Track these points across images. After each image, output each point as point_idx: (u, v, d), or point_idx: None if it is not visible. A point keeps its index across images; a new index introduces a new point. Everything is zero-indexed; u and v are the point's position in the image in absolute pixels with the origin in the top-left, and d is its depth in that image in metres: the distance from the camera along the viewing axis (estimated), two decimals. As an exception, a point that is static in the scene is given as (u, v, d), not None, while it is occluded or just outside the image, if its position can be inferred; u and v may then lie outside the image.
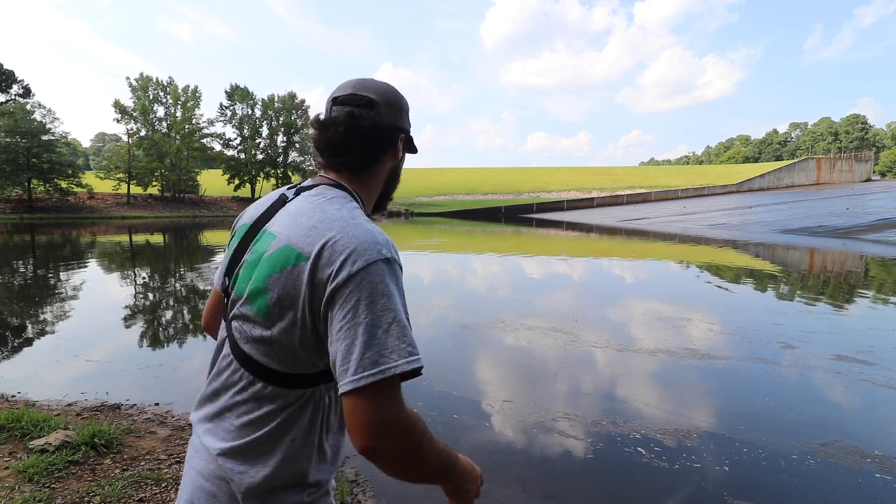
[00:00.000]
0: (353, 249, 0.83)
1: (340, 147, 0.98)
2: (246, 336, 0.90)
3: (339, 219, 0.88)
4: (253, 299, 0.89)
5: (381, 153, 1.02)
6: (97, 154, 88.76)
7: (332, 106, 0.99)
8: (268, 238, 0.93)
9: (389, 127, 1.00)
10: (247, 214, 1.04)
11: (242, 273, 0.94)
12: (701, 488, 3.02)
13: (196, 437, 0.99)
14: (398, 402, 0.83)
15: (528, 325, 6.83)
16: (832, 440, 3.59)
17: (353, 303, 0.80)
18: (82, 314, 7.47)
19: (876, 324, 7.13)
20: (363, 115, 0.97)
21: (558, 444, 3.56)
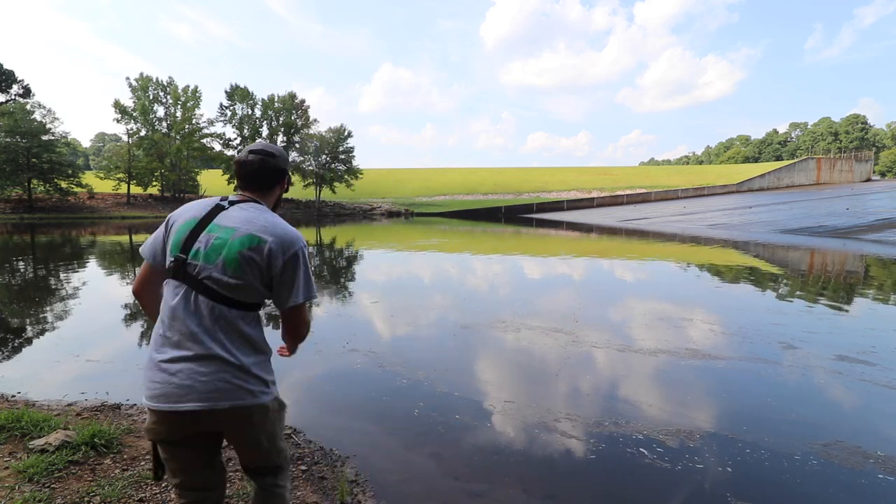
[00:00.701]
0: (293, 241, 1.63)
1: (254, 178, 1.73)
2: (223, 285, 1.56)
3: (278, 223, 1.65)
4: (228, 264, 1.56)
5: (275, 184, 1.79)
6: (97, 154, 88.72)
7: (249, 154, 1.73)
8: (225, 230, 1.59)
9: (281, 170, 1.78)
10: (186, 213, 1.66)
11: (211, 250, 1.57)
12: (703, 489, 3.01)
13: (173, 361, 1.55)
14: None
15: (529, 325, 6.82)
16: (834, 441, 3.58)
17: (293, 267, 1.62)
18: (82, 314, 7.46)
19: (877, 324, 7.12)
20: (268, 161, 1.73)
21: (559, 444, 3.55)
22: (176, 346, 1.55)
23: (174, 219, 1.67)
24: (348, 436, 3.61)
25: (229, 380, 1.55)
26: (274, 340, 1.75)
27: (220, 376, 1.54)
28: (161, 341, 1.57)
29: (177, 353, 1.54)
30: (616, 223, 32.92)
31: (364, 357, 5.39)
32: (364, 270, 13.38)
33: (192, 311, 1.55)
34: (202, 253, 1.56)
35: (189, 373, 1.52)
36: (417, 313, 7.73)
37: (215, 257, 1.55)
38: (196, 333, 1.54)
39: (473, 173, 74.90)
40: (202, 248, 1.56)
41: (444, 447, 3.48)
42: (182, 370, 1.53)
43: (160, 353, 1.56)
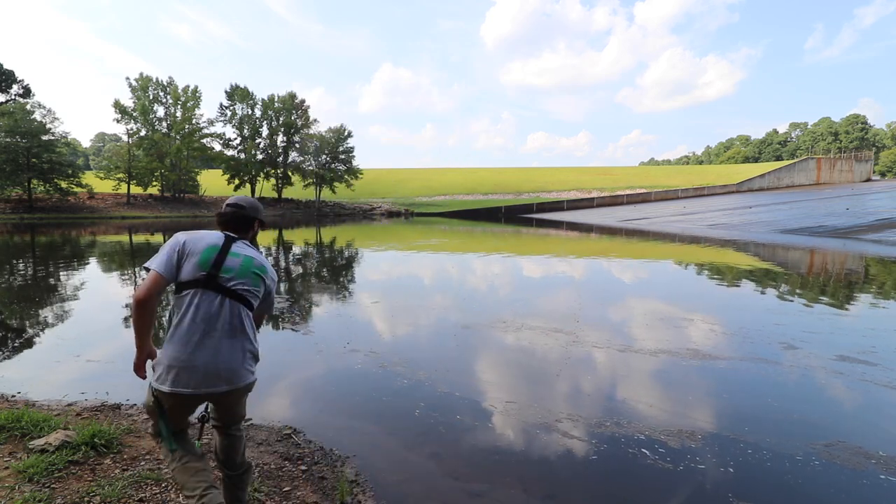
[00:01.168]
0: (272, 273, 2.29)
1: (230, 224, 2.25)
2: (250, 294, 2.16)
3: (265, 259, 2.27)
4: (254, 281, 2.17)
5: (249, 229, 2.30)
6: (97, 154, 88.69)
7: (226, 206, 2.28)
8: (245, 257, 2.18)
9: (252, 217, 2.30)
10: (203, 241, 2.13)
11: (240, 268, 2.14)
12: (704, 489, 3.00)
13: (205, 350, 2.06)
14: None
15: (530, 325, 6.82)
16: (836, 441, 3.58)
17: (272, 291, 2.30)
18: (82, 314, 7.46)
19: (877, 324, 7.11)
20: (237, 213, 2.26)
21: (559, 444, 3.55)
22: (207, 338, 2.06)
23: (190, 244, 2.09)
24: (348, 436, 3.61)
25: (246, 366, 2.14)
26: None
27: (243, 363, 2.12)
28: (187, 337, 2.04)
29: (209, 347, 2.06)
30: (616, 223, 32.91)
31: (365, 357, 5.39)
32: (364, 271, 13.38)
33: (224, 313, 2.07)
34: (234, 270, 2.11)
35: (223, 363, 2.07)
36: (418, 313, 7.72)
37: (243, 274, 2.12)
38: (229, 330, 2.08)
39: (473, 173, 74.90)
40: (233, 266, 2.11)
41: (444, 447, 3.48)
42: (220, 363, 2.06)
43: (189, 348, 2.04)
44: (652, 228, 27.94)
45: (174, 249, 2.05)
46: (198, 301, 2.03)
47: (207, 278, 2.03)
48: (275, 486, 2.83)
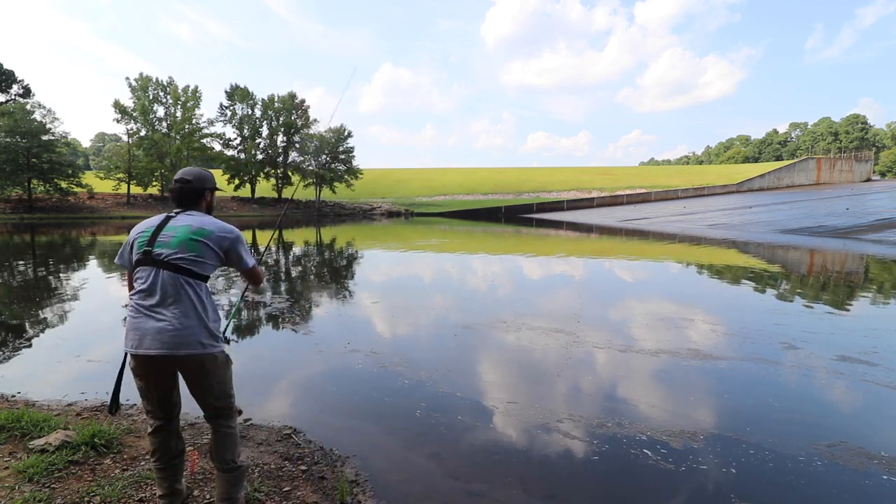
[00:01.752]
0: (230, 231, 2.35)
1: (180, 200, 2.40)
2: (186, 261, 2.21)
3: (215, 220, 2.36)
4: (191, 247, 2.23)
5: (199, 200, 2.44)
6: (97, 154, 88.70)
7: (174, 182, 2.42)
8: (181, 227, 2.26)
9: (199, 189, 2.43)
10: (143, 227, 2.32)
11: (173, 240, 2.23)
12: (706, 489, 3.00)
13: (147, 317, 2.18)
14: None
15: (530, 325, 6.81)
16: (838, 441, 3.57)
17: (231, 248, 2.34)
18: (83, 314, 7.45)
19: (879, 324, 7.10)
20: (184, 186, 2.39)
21: (559, 444, 3.54)
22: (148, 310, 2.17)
23: (133, 233, 2.32)
24: (348, 436, 3.60)
25: (188, 333, 2.17)
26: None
27: (181, 331, 2.16)
28: (135, 307, 2.20)
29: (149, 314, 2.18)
30: (616, 223, 32.90)
31: (365, 357, 5.38)
32: (365, 270, 13.37)
33: (159, 284, 2.18)
34: (166, 243, 2.21)
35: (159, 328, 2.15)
36: (418, 313, 7.72)
37: (177, 244, 2.21)
38: (164, 298, 2.17)
39: (473, 173, 74.89)
40: (165, 240, 2.22)
41: (444, 447, 3.47)
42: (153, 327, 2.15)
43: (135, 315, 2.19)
44: (652, 228, 27.93)
45: (126, 242, 2.33)
46: (139, 276, 2.24)
47: (143, 255, 2.23)
48: (275, 486, 2.83)
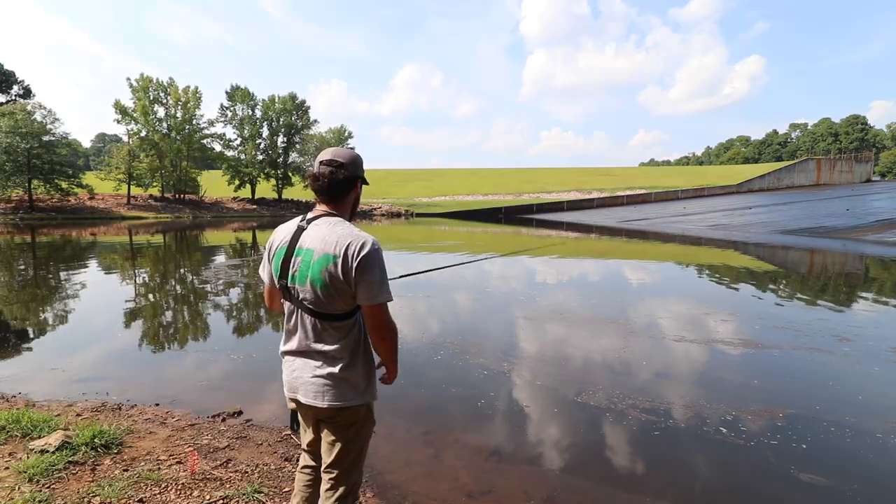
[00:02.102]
0: (361, 245, 1.72)
1: (326, 190, 1.82)
2: (316, 303, 1.76)
3: (346, 234, 1.75)
4: (317, 283, 1.73)
5: (347, 192, 1.87)
6: (97, 155, 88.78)
7: (320, 165, 1.81)
8: (306, 253, 1.76)
9: (352, 177, 1.85)
10: (277, 240, 1.87)
11: (299, 274, 1.77)
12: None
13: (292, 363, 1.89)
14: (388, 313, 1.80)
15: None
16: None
17: (361, 270, 1.71)
18: (83, 314, 7.46)
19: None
20: (337, 172, 1.80)
21: (563, 444, 3.55)
22: (293, 352, 1.88)
23: (270, 244, 1.91)
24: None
25: (326, 381, 1.81)
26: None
27: (321, 379, 1.82)
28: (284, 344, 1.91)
29: (294, 358, 1.88)
30: (616, 224, 32.89)
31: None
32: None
33: (300, 325, 1.83)
34: (296, 277, 1.79)
35: (300, 372, 1.86)
36: (418, 314, 7.72)
37: (304, 280, 1.77)
38: (304, 342, 1.83)
39: (474, 174, 74.89)
40: (295, 272, 1.79)
41: (444, 447, 3.48)
42: (295, 370, 1.87)
43: (284, 357, 1.93)
44: (652, 229, 27.93)
45: (265, 255, 1.94)
46: (286, 311, 1.88)
47: (282, 289, 1.85)
48: (275, 487, 2.84)
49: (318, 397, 1.81)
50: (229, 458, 3.14)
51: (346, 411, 1.84)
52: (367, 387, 1.88)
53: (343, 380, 1.81)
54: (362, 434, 1.93)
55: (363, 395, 1.86)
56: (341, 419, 1.86)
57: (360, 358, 1.85)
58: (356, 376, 1.84)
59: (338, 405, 1.82)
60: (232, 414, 3.89)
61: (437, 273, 12.37)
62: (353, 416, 1.86)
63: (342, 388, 1.81)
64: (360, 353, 1.85)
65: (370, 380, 1.89)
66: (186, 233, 26.69)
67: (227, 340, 6.19)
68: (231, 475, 2.91)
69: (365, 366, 1.87)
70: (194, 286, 10.25)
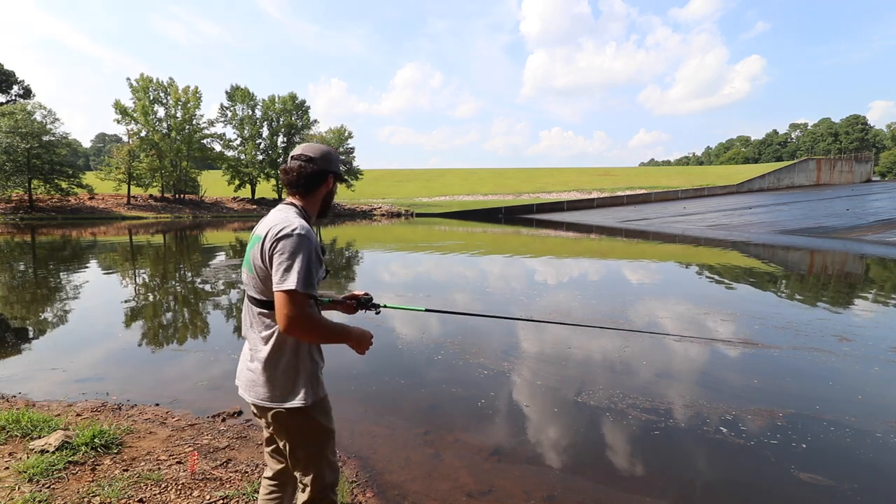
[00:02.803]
0: (282, 228, 1.63)
1: (295, 183, 1.78)
2: (252, 289, 1.72)
3: (283, 217, 1.69)
4: (250, 269, 1.71)
5: (316, 186, 1.81)
6: (97, 155, 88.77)
7: (291, 160, 1.79)
8: (252, 239, 1.72)
9: (321, 171, 1.79)
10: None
11: (245, 258, 1.75)
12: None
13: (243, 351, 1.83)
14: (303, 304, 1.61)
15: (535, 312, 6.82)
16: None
17: (279, 251, 1.60)
18: (83, 314, 7.46)
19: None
20: (306, 166, 1.77)
21: (563, 443, 3.55)
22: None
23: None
24: (348, 436, 3.61)
25: (253, 376, 1.74)
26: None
27: (249, 372, 1.76)
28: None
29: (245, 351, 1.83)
30: (616, 224, 32.89)
31: (365, 357, 5.39)
32: (364, 269, 13.38)
33: (245, 312, 1.82)
34: (244, 262, 1.79)
35: (241, 362, 1.83)
36: (419, 312, 7.72)
37: (247, 264, 1.75)
38: (245, 329, 1.81)
39: (473, 174, 74.90)
40: (245, 257, 1.79)
41: (444, 447, 3.48)
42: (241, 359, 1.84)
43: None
44: (652, 229, 27.93)
45: None
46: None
47: None
48: (275, 487, 2.84)
49: (247, 390, 1.74)
50: (229, 458, 3.13)
51: (275, 415, 1.71)
52: (292, 390, 1.69)
53: (263, 377, 1.69)
54: (306, 437, 1.75)
55: (286, 398, 1.68)
56: (274, 422, 1.73)
57: (286, 356, 1.69)
58: (276, 376, 1.69)
59: (261, 405, 1.71)
60: (232, 414, 3.89)
61: (437, 273, 12.37)
62: (283, 421, 1.72)
63: (264, 387, 1.70)
64: (287, 352, 1.69)
65: (296, 382, 1.70)
66: (186, 233, 26.69)
67: (227, 340, 6.19)
68: (231, 475, 2.91)
69: (290, 367, 1.69)
70: (194, 286, 10.25)
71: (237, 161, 50.80)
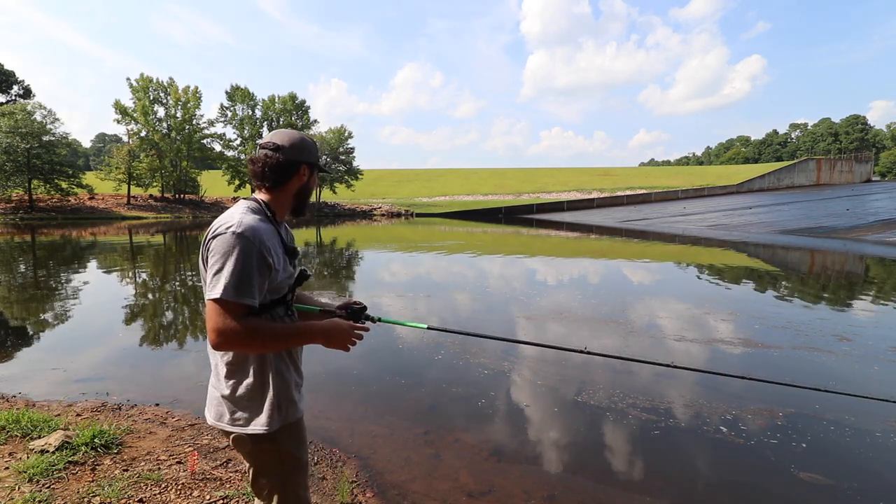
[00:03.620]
0: (218, 226, 1.40)
1: (259, 175, 1.52)
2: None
3: (228, 214, 1.44)
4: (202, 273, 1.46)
5: (287, 178, 1.54)
6: (97, 155, 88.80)
7: (258, 148, 1.54)
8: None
9: (291, 161, 1.52)
10: None
11: None
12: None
13: None
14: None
15: (533, 316, 6.81)
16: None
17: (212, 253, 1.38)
18: (83, 314, 7.46)
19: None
20: (271, 155, 1.51)
21: (564, 443, 3.54)
22: None
23: None
24: (348, 436, 3.61)
25: (213, 394, 1.56)
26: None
27: (211, 388, 1.58)
28: None
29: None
30: (616, 224, 32.89)
31: (365, 357, 5.38)
32: (365, 269, 13.37)
33: None
34: None
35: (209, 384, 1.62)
36: (419, 312, 7.72)
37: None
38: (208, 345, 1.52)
39: (473, 174, 74.91)
40: None
41: (444, 447, 3.48)
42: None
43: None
44: (652, 229, 27.93)
45: None
46: None
47: None
48: (275, 487, 2.84)
49: (208, 408, 1.55)
50: (229, 458, 3.13)
51: (232, 438, 1.51)
52: (256, 413, 1.47)
53: (224, 397, 1.49)
54: (269, 467, 1.53)
55: (248, 423, 1.47)
56: (233, 443, 1.53)
57: (248, 375, 1.46)
58: (237, 398, 1.47)
59: (220, 427, 1.51)
60: (232, 414, 3.89)
61: (437, 273, 12.37)
62: (242, 443, 1.51)
63: (221, 407, 1.50)
64: (248, 370, 1.46)
65: (260, 404, 1.47)
66: (186, 233, 26.69)
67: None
68: (231, 475, 2.91)
69: (254, 387, 1.46)
70: (194, 286, 10.25)
71: (237, 161, 50.78)
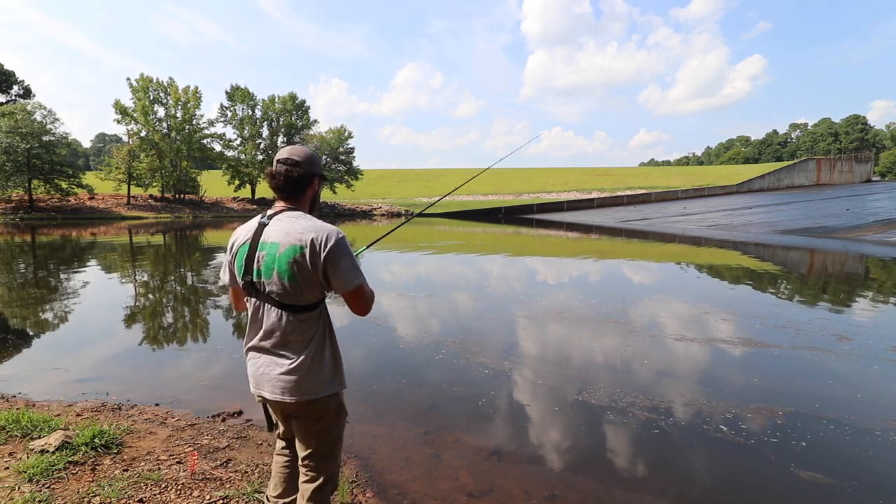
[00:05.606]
0: (326, 236, 1.77)
1: (283, 187, 1.87)
2: (283, 295, 1.79)
3: (311, 226, 1.80)
4: (284, 275, 1.77)
5: (305, 188, 1.91)
6: (97, 155, 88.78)
7: (277, 163, 1.86)
8: (271, 246, 1.79)
9: (308, 174, 1.89)
10: (239, 239, 1.89)
11: (265, 267, 1.80)
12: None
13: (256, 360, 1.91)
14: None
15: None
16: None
17: (334, 258, 1.76)
18: (83, 314, 7.46)
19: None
20: (293, 170, 1.85)
21: (564, 443, 3.54)
22: (259, 348, 1.90)
23: (232, 244, 1.93)
24: (348, 436, 3.60)
25: (292, 376, 1.84)
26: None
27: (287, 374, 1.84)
28: (247, 341, 1.94)
29: (260, 354, 1.91)
30: (616, 224, 32.89)
31: (365, 357, 5.38)
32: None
33: (266, 320, 1.85)
34: (261, 271, 1.82)
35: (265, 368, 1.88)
36: (420, 312, 7.72)
37: (269, 273, 1.79)
38: (270, 336, 1.85)
39: (473, 173, 74.87)
40: (260, 267, 1.82)
41: (445, 447, 3.48)
42: (260, 367, 1.89)
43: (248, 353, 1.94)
44: (652, 229, 27.93)
45: (227, 255, 1.95)
46: (250, 309, 1.91)
47: (246, 286, 1.87)
48: (275, 486, 2.83)
49: (285, 393, 1.84)
50: (229, 458, 3.13)
51: (314, 405, 1.87)
52: (335, 377, 1.91)
53: (309, 372, 1.84)
54: (335, 425, 1.96)
55: (331, 385, 1.89)
56: (311, 413, 1.89)
57: (327, 349, 1.88)
58: (322, 368, 1.86)
59: (305, 399, 1.84)
60: (232, 414, 3.89)
61: (437, 273, 12.37)
62: (323, 408, 1.89)
63: (308, 382, 1.84)
64: (326, 344, 1.88)
65: (337, 370, 1.92)
66: (186, 233, 26.69)
67: (227, 340, 6.19)
68: (231, 475, 2.91)
69: (331, 357, 1.90)
70: (194, 286, 10.25)
71: (237, 161, 50.78)
